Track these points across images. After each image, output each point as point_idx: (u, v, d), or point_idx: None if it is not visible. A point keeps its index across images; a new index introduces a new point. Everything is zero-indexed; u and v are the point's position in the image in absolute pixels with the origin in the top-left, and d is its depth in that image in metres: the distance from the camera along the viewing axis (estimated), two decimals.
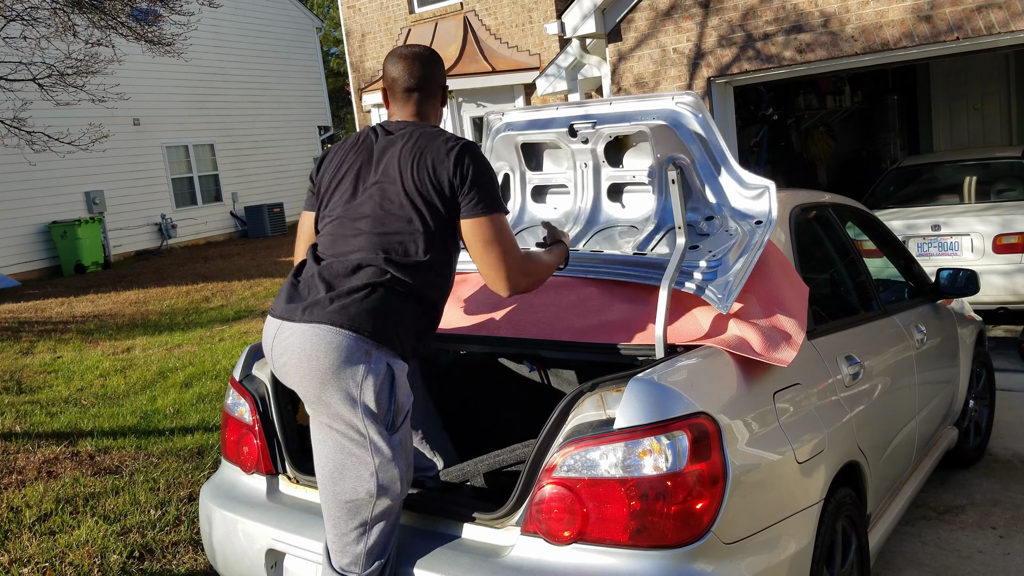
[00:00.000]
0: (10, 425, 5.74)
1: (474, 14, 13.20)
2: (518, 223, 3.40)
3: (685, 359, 2.35)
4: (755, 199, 2.74)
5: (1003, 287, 6.61)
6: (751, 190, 2.75)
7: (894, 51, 6.96)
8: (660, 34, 8.18)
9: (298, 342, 2.26)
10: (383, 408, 2.25)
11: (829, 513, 2.53)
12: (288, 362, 2.29)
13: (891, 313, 3.56)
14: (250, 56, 20.19)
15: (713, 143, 2.77)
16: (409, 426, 2.36)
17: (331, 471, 2.30)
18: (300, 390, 2.31)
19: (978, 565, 3.44)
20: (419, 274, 2.35)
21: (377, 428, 2.25)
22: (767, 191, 2.70)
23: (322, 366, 2.22)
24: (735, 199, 2.79)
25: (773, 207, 2.67)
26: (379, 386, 2.24)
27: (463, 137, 2.58)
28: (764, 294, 2.65)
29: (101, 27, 9.87)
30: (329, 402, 2.24)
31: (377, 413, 2.24)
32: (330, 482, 2.30)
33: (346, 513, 2.30)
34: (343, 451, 2.27)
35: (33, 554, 3.74)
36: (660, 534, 2.06)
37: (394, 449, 2.27)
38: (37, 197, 15.05)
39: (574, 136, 3.05)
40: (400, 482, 2.29)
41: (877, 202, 7.82)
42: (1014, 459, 4.53)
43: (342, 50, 26.19)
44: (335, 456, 2.29)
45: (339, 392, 2.23)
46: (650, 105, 2.85)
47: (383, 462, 2.26)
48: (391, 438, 2.27)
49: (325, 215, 2.52)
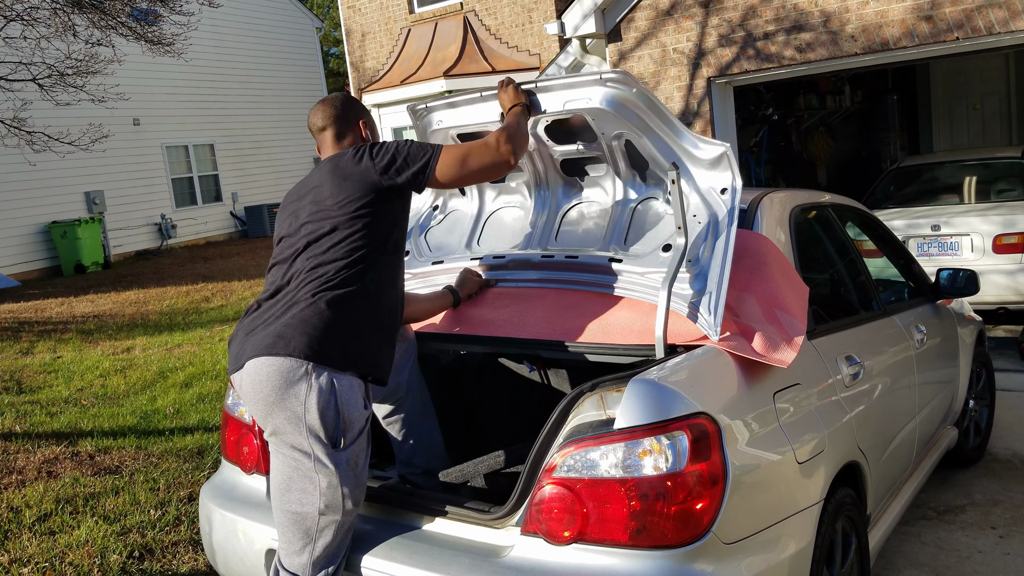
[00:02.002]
0: (10, 425, 5.73)
1: (474, 14, 13.20)
2: (482, 210, 3.34)
3: (685, 359, 2.35)
4: (714, 166, 2.65)
5: (1003, 287, 6.60)
6: (708, 155, 2.64)
7: (894, 51, 6.96)
8: (660, 34, 8.18)
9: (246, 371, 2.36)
10: (330, 425, 2.28)
11: (829, 513, 2.53)
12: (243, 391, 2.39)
13: (891, 313, 3.56)
14: (250, 56, 20.18)
15: (657, 113, 2.66)
16: (363, 442, 2.36)
17: (280, 483, 2.35)
18: (254, 414, 2.38)
19: (978, 565, 3.44)
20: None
21: (323, 447, 2.28)
22: (725, 154, 2.59)
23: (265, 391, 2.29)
24: (696, 172, 2.70)
25: (735, 172, 2.59)
26: (323, 403, 2.26)
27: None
28: (764, 294, 2.64)
29: (101, 27, 9.87)
30: (276, 423, 2.30)
31: (323, 431, 2.27)
32: (279, 492, 2.35)
33: (292, 524, 2.33)
34: (290, 466, 2.32)
35: (33, 554, 3.74)
36: (660, 534, 2.06)
37: (340, 467, 2.30)
38: (37, 197, 15.05)
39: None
40: (347, 500, 2.31)
41: (877, 202, 7.82)
42: (1014, 459, 4.53)
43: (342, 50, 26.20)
44: (284, 470, 2.34)
45: (285, 412, 2.27)
46: (581, 91, 2.72)
47: (329, 480, 2.29)
48: (338, 456, 2.30)
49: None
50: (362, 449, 2.37)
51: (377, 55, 14.50)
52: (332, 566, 2.35)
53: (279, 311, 2.38)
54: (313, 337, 2.29)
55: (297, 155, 21.53)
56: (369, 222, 2.42)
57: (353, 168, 2.45)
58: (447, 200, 3.45)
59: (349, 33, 14.91)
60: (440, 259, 3.31)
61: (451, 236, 3.38)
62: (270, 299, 2.45)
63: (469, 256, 3.25)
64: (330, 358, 2.29)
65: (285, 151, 21.19)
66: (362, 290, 2.39)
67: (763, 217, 2.99)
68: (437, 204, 3.46)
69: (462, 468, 2.80)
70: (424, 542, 2.36)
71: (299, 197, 2.57)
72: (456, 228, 3.39)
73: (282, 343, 2.28)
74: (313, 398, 2.26)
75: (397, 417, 2.93)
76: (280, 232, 2.58)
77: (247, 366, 2.33)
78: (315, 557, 2.33)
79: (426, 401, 3.01)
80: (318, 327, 2.30)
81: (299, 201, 2.55)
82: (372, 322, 2.42)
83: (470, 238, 3.32)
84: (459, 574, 2.19)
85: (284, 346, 2.27)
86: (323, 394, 2.27)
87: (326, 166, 2.53)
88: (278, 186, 20.73)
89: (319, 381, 2.27)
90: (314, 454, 2.28)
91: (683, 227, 2.55)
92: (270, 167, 20.67)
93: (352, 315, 2.36)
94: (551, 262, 3.03)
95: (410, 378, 2.93)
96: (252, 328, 2.40)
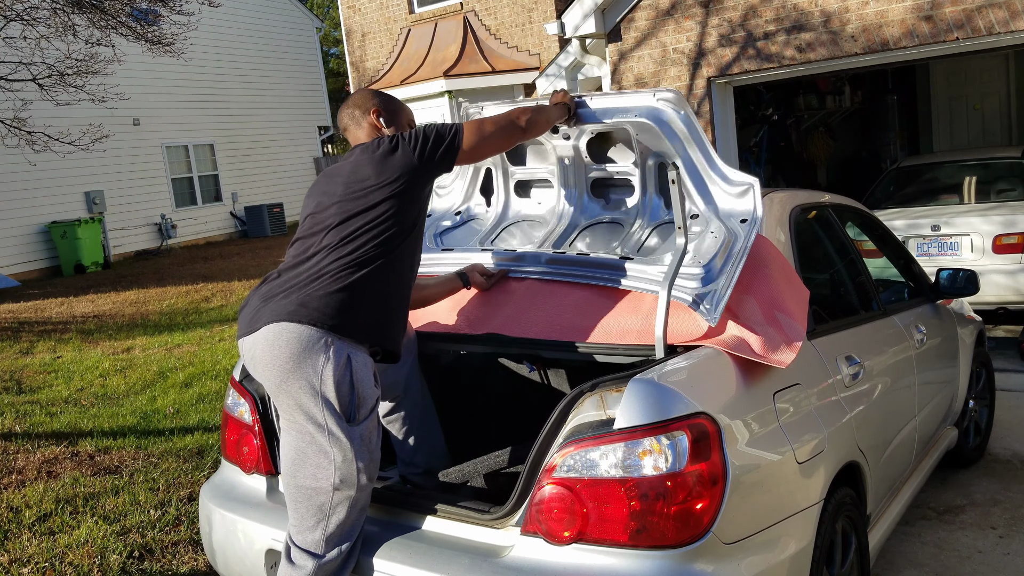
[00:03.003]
0: (10, 425, 5.73)
1: (474, 14, 13.20)
2: (503, 219, 3.39)
3: (685, 359, 2.35)
4: (740, 196, 2.73)
5: (1003, 287, 6.60)
6: (735, 187, 2.74)
7: (894, 51, 6.96)
8: (661, 33, 8.18)
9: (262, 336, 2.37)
10: (344, 399, 2.31)
11: (829, 513, 2.53)
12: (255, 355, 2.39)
13: (891, 313, 3.56)
14: (250, 56, 20.18)
15: (696, 140, 2.76)
16: (375, 419, 2.41)
17: (292, 458, 2.36)
18: (264, 381, 2.39)
19: (978, 565, 3.44)
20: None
21: (337, 420, 2.31)
22: (751, 188, 2.68)
23: (283, 356, 2.31)
24: (720, 197, 2.78)
25: (758, 204, 2.66)
26: (339, 376, 2.30)
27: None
28: (764, 295, 2.65)
29: (101, 27, 9.86)
30: (291, 391, 2.31)
31: (338, 404, 2.30)
32: (292, 468, 2.36)
33: (305, 499, 2.35)
34: (304, 440, 2.34)
35: (33, 554, 3.74)
36: (660, 534, 2.06)
37: (354, 441, 2.33)
38: (37, 197, 15.05)
39: (556, 132, 3.03)
40: (362, 474, 2.33)
41: (877, 202, 7.82)
42: (1014, 459, 4.53)
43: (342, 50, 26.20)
44: (297, 444, 2.35)
45: (300, 381, 2.29)
46: (631, 101, 2.84)
47: (344, 454, 2.31)
48: (351, 430, 2.33)
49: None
50: (374, 427, 2.40)
51: (377, 55, 14.50)
52: (347, 543, 2.36)
53: (303, 282, 2.40)
54: (337, 309, 2.34)
55: (297, 155, 21.53)
56: (401, 204, 2.49)
57: (388, 153, 2.52)
58: (470, 207, 3.49)
59: (349, 33, 14.91)
60: (450, 247, 3.34)
61: (467, 236, 3.42)
62: (292, 269, 2.47)
63: (480, 248, 3.27)
64: (350, 331, 2.35)
65: (285, 151, 21.18)
66: (386, 269, 2.46)
67: (763, 217, 2.99)
68: (460, 211, 3.49)
69: (462, 468, 2.80)
70: (424, 542, 2.36)
71: (330, 179, 2.61)
72: (468, 234, 3.43)
73: (305, 312, 2.32)
74: (330, 369, 2.30)
75: (397, 415, 2.93)
76: (307, 211, 2.60)
77: (264, 330, 2.35)
78: (328, 533, 2.34)
79: (427, 400, 3.01)
80: (343, 300, 2.35)
81: (330, 183, 2.59)
82: (393, 300, 2.49)
83: (484, 238, 3.35)
84: (459, 574, 2.19)
85: (307, 315, 2.32)
86: (339, 367, 2.31)
87: (357, 152, 2.60)
88: (278, 186, 20.72)
89: (337, 354, 2.31)
90: (328, 427, 2.31)
91: (683, 227, 2.55)
92: (270, 167, 20.67)
93: (376, 292, 2.43)
94: (561, 258, 3.04)
95: (410, 376, 2.93)
96: (271, 295, 2.42)
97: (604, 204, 3.18)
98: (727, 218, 2.73)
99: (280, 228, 19.22)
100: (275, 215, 19.20)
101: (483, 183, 3.45)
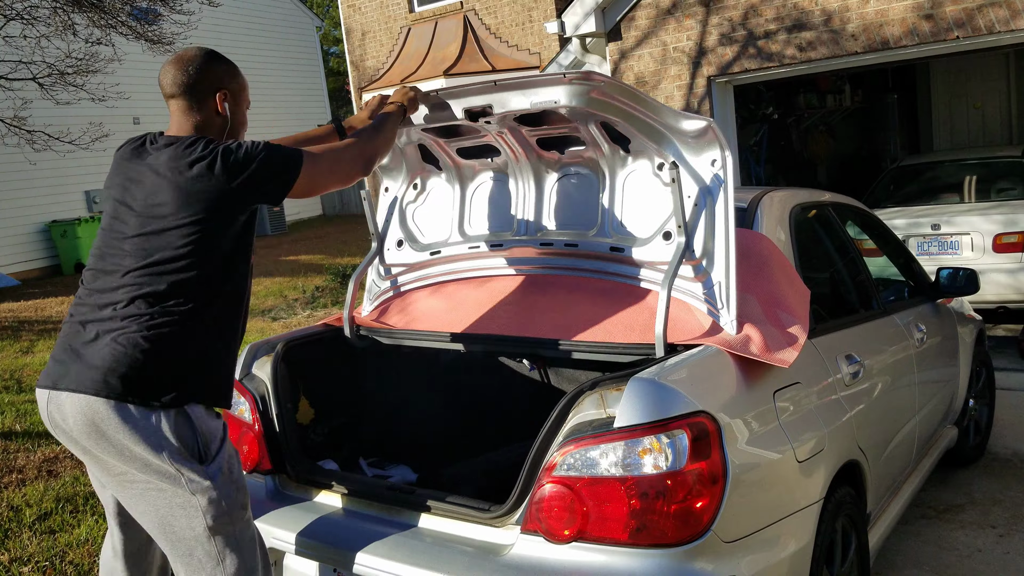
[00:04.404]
0: (10, 424, 5.73)
1: (474, 13, 13.20)
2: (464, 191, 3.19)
3: (685, 358, 2.35)
4: (701, 140, 2.57)
5: (1003, 286, 6.60)
6: (692, 127, 2.54)
7: (895, 49, 6.95)
8: (661, 32, 8.17)
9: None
10: (189, 444, 2.15)
11: (829, 512, 2.53)
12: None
13: (891, 312, 3.56)
14: (250, 55, 20.15)
15: (632, 97, 2.56)
16: (230, 448, 2.26)
17: (156, 524, 2.18)
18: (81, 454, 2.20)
19: (978, 564, 3.44)
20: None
21: (190, 465, 2.14)
22: (710, 127, 2.50)
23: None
24: (682, 147, 2.62)
25: (722, 143, 2.51)
26: (176, 427, 2.14)
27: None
28: (765, 294, 2.65)
29: (101, 26, 9.86)
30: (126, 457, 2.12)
31: (184, 451, 2.14)
32: (159, 533, 2.19)
33: (189, 555, 2.18)
34: (162, 498, 2.15)
35: (33, 553, 3.74)
36: (660, 533, 2.06)
37: (213, 479, 2.16)
38: (37, 196, 15.04)
39: (475, 120, 2.79)
40: (235, 507, 2.19)
41: (877, 201, 7.81)
42: (1014, 458, 4.53)
43: (342, 49, 26.16)
44: (154, 507, 2.17)
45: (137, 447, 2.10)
46: (545, 93, 2.59)
47: (208, 497, 2.15)
48: (208, 469, 2.16)
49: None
50: (231, 454, 2.25)
51: (377, 54, 14.50)
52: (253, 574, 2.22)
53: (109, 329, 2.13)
54: (150, 377, 2.11)
55: None
56: (212, 243, 2.17)
57: (199, 178, 2.13)
58: (425, 180, 3.28)
59: (349, 32, 14.91)
60: (437, 250, 3.22)
61: (439, 219, 3.25)
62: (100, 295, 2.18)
63: (466, 244, 3.16)
64: (171, 397, 2.14)
65: None
66: (202, 321, 2.19)
67: (763, 216, 2.99)
68: (416, 183, 3.29)
69: (462, 467, 2.80)
70: (424, 540, 2.36)
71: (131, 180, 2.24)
72: (441, 208, 3.24)
73: (117, 384, 2.08)
74: (164, 425, 2.12)
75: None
76: (111, 196, 2.27)
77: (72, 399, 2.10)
78: (233, 572, 2.19)
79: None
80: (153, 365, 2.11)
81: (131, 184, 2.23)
82: (213, 354, 2.24)
83: (460, 220, 3.19)
84: (459, 572, 2.19)
85: (117, 386, 2.08)
86: (171, 421, 2.13)
87: (165, 158, 2.18)
88: None
89: (164, 414, 2.13)
90: (184, 476, 2.13)
91: (683, 225, 2.54)
92: None
93: (193, 348, 2.19)
94: (551, 250, 2.99)
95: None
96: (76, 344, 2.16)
97: (560, 154, 2.96)
98: (697, 166, 2.59)
99: (280, 227, 19.21)
100: (275, 214, 19.20)
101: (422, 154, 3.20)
